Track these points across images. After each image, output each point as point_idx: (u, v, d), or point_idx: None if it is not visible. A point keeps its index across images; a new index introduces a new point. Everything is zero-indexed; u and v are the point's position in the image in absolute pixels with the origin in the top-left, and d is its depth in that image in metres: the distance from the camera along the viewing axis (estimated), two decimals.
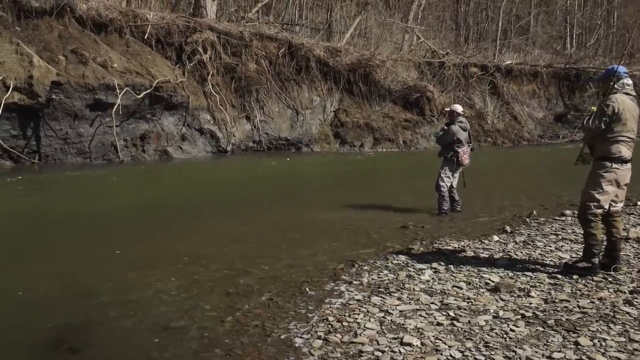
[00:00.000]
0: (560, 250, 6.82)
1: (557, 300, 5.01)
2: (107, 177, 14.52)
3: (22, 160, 15.95)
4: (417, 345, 4.12)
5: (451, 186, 9.51)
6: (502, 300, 5.06)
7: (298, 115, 22.57)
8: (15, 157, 15.89)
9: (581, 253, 6.01)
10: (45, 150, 16.26)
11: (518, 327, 4.44)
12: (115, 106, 16.89)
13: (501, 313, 4.73)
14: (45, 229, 8.53)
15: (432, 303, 4.98)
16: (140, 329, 4.62)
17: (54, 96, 15.88)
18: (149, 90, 17.81)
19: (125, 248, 7.24)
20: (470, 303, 4.99)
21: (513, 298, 5.11)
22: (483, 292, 5.30)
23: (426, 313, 4.74)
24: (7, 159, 15.87)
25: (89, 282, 5.81)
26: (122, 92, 17.00)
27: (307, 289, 5.47)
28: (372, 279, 5.75)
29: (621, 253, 6.09)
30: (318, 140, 22.71)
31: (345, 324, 4.56)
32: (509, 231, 8.01)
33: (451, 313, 4.73)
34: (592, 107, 5.76)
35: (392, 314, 4.74)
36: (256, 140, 21.27)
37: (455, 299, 5.08)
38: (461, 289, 5.38)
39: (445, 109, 10.27)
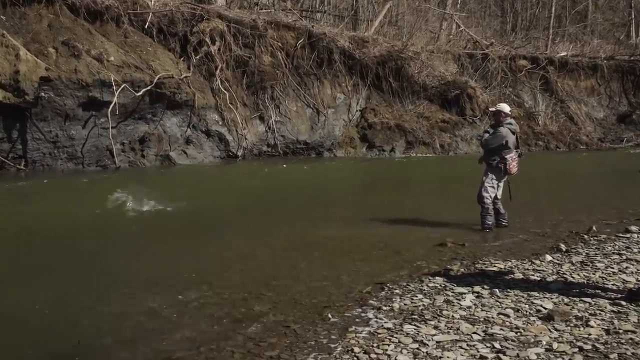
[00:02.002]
0: (625, 273, 6.73)
1: (620, 331, 4.94)
2: (101, 185, 14.67)
3: (7, 166, 16.19)
4: None
5: (495, 197, 9.44)
6: (557, 330, 5.00)
7: (319, 115, 22.62)
8: None
9: None
10: (32, 155, 16.50)
11: None
12: (112, 105, 17.08)
13: (555, 345, 4.67)
14: (30, 245, 8.64)
15: (475, 333, 4.94)
16: (138, 358, 4.65)
17: (42, 94, 16.13)
18: (149, 87, 17.99)
19: (122, 265, 7.31)
20: (519, 333, 4.94)
21: (569, 328, 5.04)
22: (534, 320, 5.25)
23: (467, 345, 4.71)
24: None
25: (80, 304, 5.87)
26: (119, 89, 17.19)
27: (329, 315, 5.46)
28: (405, 304, 5.72)
29: None
30: (342, 144, 22.72)
31: (373, 356, 4.54)
32: (564, 250, 7.92)
33: (497, 345, 4.69)
34: None
35: (427, 345, 4.71)
36: (271, 143, 21.36)
37: (501, 329, 5.03)
38: (508, 316, 5.33)
39: (490, 109, 10.20)
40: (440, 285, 6.32)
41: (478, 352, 4.57)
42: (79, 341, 4.95)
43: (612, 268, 6.95)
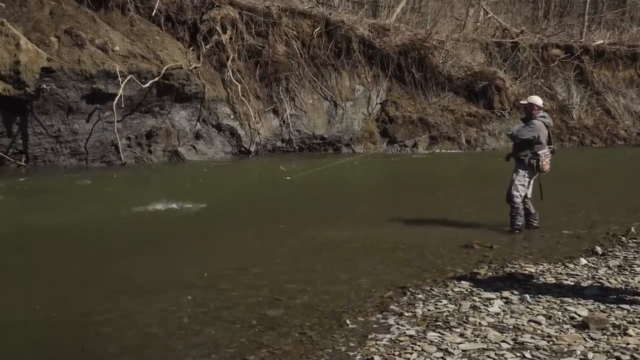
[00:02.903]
0: None
1: None
2: (107, 182, 14.78)
3: (7, 162, 16.34)
4: None
5: (525, 196, 9.39)
6: (592, 339, 4.97)
7: (337, 108, 22.62)
8: None
9: None
10: (33, 150, 16.65)
11: None
12: (117, 97, 17.18)
13: (590, 355, 4.65)
14: (29, 247, 8.71)
15: (503, 341, 4.92)
16: None
17: (44, 85, 16.26)
18: (156, 79, 18.09)
19: (128, 268, 7.36)
20: (551, 342, 4.91)
21: (606, 337, 5.01)
22: (567, 328, 5.22)
23: (495, 354, 4.69)
24: None
25: (84, 308, 5.92)
26: (125, 80, 17.29)
27: (348, 322, 5.46)
28: (428, 310, 5.72)
29: None
30: (361, 139, 22.72)
31: None
32: (600, 253, 7.86)
33: (527, 354, 4.67)
34: None
35: (453, 354, 4.70)
36: (285, 138, 21.40)
37: (532, 337, 5.01)
38: (540, 324, 5.30)
39: (521, 102, 10.14)
40: (467, 290, 6.31)
41: None
42: (82, 348, 4.99)
43: None
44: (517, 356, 4.65)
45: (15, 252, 8.32)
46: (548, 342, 4.92)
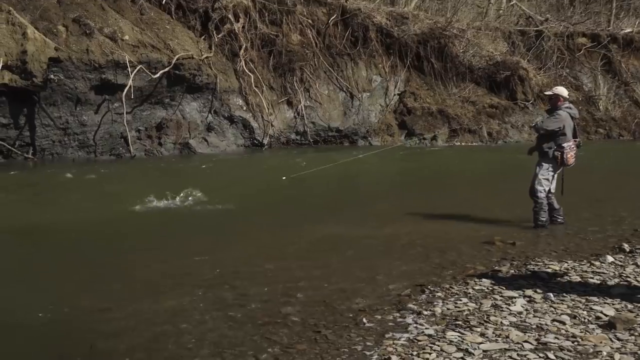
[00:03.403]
0: None
1: None
2: (117, 175, 14.86)
3: (13, 155, 16.48)
4: None
5: (549, 191, 9.34)
6: (619, 339, 4.95)
7: (353, 99, 22.60)
8: (4, 151, 16.44)
9: None
10: (40, 142, 16.78)
11: None
12: (126, 88, 17.27)
13: (617, 357, 4.63)
14: (41, 242, 8.80)
15: (526, 341, 4.91)
16: None
17: (52, 76, 16.37)
18: (167, 69, 18.16)
19: (137, 265, 7.41)
20: (576, 343, 4.90)
21: (633, 337, 4.99)
22: (593, 328, 5.20)
23: (518, 354, 4.68)
24: None
25: (94, 305, 5.97)
26: (135, 70, 17.37)
27: (364, 320, 5.47)
28: (448, 309, 5.72)
29: None
30: (378, 132, 22.69)
31: None
32: (628, 250, 7.82)
33: (551, 355, 4.65)
34: None
35: (473, 354, 4.70)
36: (300, 131, 21.41)
37: (556, 337, 4.99)
38: (564, 324, 5.29)
39: (545, 93, 10.08)
40: (488, 288, 6.29)
41: None
42: (91, 345, 5.04)
43: None
44: (540, 357, 4.64)
45: (24, 249, 8.40)
46: (573, 342, 4.91)
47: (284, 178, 13.11)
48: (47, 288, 6.54)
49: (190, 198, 11.36)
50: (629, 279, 6.58)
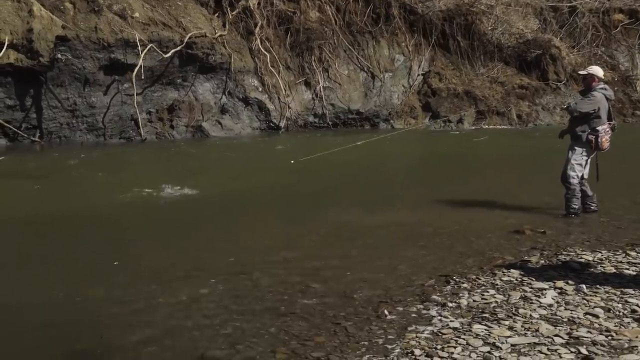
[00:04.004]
0: None
1: None
2: (126, 160, 14.94)
3: (19, 138, 16.61)
4: None
5: (582, 177, 9.27)
6: None
7: (374, 80, 22.54)
8: (10, 134, 16.58)
9: None
10: (48, 125, 16.90)
11: None
12: (137, 68, 17.33)
13: None
14: (48, 231, 8.87)
15: (557, 335, 4.89)
16: (167, 358, 4.75)
17: (59, 55, 16.45)
18: (179, 48, 18.18)
19: (150, 255, 7.46)
20: (610, 337, 4.87)
21: None
22: (628, 322, 5.16)
23: (548, 349, 4.66)
24: (1, 135, 16.58)
25: (103, 296, 6.03)
26: (145, 49, 17.42)
27: (386, 312, 5.47)
28: (474, 301, 5.70)
29: None
30: (401, 114, 22.63)
31: (436, 359, 4.55)
32: None
33: (583, 350, 4.63)
34: None
35: (500, 348, 4.69)
36: (318, 113, 21.40)
37: (588, 331, 4.96)
38: (597, 317, 5.25)
39: (579, 72, 9.98)
40: (517, 280, 6.27)
41: (561, 357, 4.52)
42: (101, 336, 5.08)
43: None
44: (571, 352, 4.61)
45: (30, 237, 8.47)
46: (607, 337, 4.87)
47: (292, 162, 13.12)
48: (54, 277, 6.61)
49: (202, 185, 11.40)
50: None
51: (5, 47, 15.73)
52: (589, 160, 9.27)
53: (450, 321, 5.24)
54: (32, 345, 5.04)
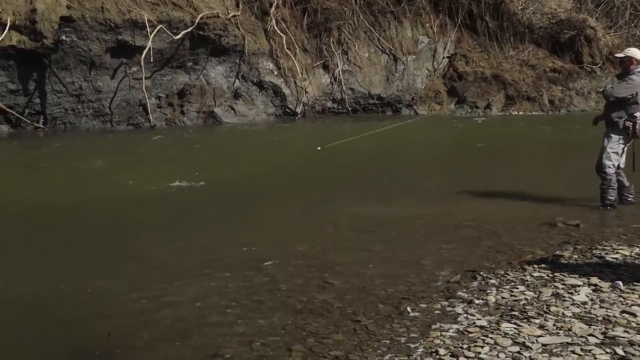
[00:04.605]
0: None
1: None
2: (133, 148, 15.00)
3: (22, 124, 16.72)
4: None
5: (618, 167, 9.20)
6: None
7: (397, 63, 22.47)
8: (13, 120, 16.69)
9: None
10: (52, 110, 16.99)
11: None
12: (145, 51, 17.37)
13: None
14: (51, 224, 8.92)
15: (591, 335, 4.86)
16: (179, 356, 4.77)
17: (63, 37, 16.52)
18: (190, 29, 18.21)
19: (160, 247, 7.50)
20: None
21: None
22: None
23: (582, 349, 4.64)
24: (2, 121, 16.68)
25: (111, 291, 6.07)
26: (154, 31, 17.45)
27: (409, 309, 5.47)
28: (502, 298, 5.69)
29: None
30: (425, 99, 22.57)
31: (462, 359, 4.55)
32: None
33: (619, 351, 4.60)
34: None
35: (531, 348, 4.67)
36: (337, 98, 21.37)
37: (625, 331, 4.93)
38: (635, 316, 5.22)
39: (616, 55, 9.89)
40: (548, 275, 6.24)
41: (595, 358, 4.50)
42: (109, 333, 5.11)
43: None
44: (607, 352, 4.59)
45: (34, 229, 8.52)
46: None
47: (319, 148, 13.11)
48: (59, 271, 6.66)
49: (213, 174, 11.42)
50: None
51: (7, 29, 15.82)
52: (625, 148, 9.20)
53: (477, 319, 5.23)
54: (36, 343, 5.07)
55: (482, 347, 4.72)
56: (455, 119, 21.39)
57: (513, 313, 5.32)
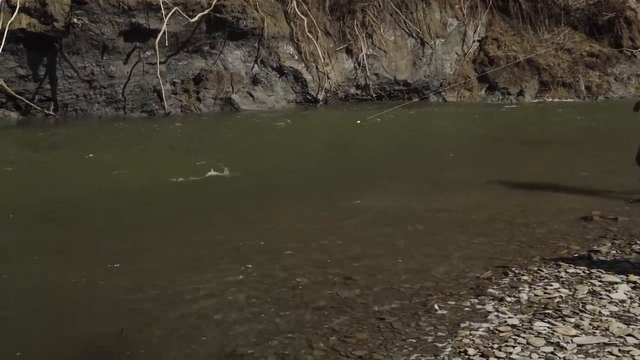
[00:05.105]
0: None
1: None
2: (148, 135, 15.06)
3: (32, 111, 16.83)
4: None
5: None
6: None
7: (424, 47, 22.39)
8: (23, 107, 16.80)
9: None
10: (63, 97, 17.09)
11: None
12: (160, 34, 17.42)
13: None
14: (61, 217, 8.99)
15: (630, 335, 4.84)
16: (194, 354, 4.79)
17: (75, 20, 16.58)
18: (206, 11, 18.23)
19: (175, 240, 7.54)
20: None
21: None
22: None
23: (620, 350, 4.62)
24: (12, 108, 16.80)
25: (125, 285, 6.11)
26: (170, 13, 17.48)
27: (436, 306, 5.47)
28: (535, 295, 5.67)
29: None
30: (454, 85, 22.45)
31: None
32: None
33: None
34: None
35: (565, 349, 4.66)
36: (361, 84, 21.33)
37: None
38: None
39: None
40: (584, 272, 6.21)
41: None
42: (122, 330, 5.14)
43: None
44: None
45: (47, 225, 8.58)
46: None
47: (358, 122, 13.06)
48: (71, 264, 6.70)
49: (230, 163, 11.44)
50: None
51: (16, 11, 15.90)
52: None
53: (509, 317, 5.22)
54: (46, 340, 5.11)
55: (513, 347, 4.71)
56: (485, 106, 21.29)
57: (547, 311, 5.31)
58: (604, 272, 6.19)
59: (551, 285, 5.90)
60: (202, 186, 10.43)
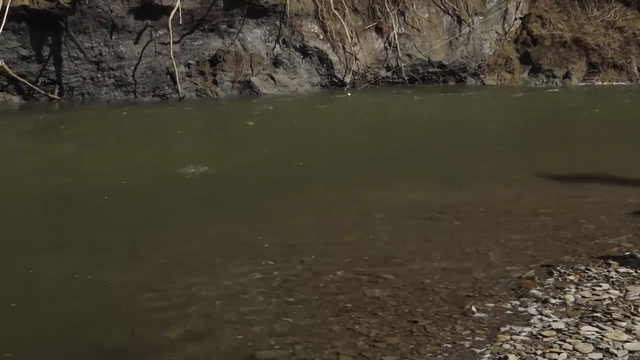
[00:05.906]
0: None
1: None
2: (161, 122, 15.13)
3: (36, 94, 16.92)
4: None
5: None
6: None
7: (461, 25, 22.28)
8: (25, 91, 16.91)
9: None
10: (69, 80, 17.17)
11: None
12: (173, 11, 17.44)
13: None
14: (67, 209, 9.06)
15: None
16: (209, 357, 4.81)
17: None
18: None
19: (189, 235, 7.57)
20: None
21: None
22: None
23: None
24: (13, 92, 16.90)
25: (136, 281, 6.16)
26: None
27: (473, 308, 5.46)
28: (583, 297, 5.64)
29: None
30: (494, 67, 22.36)
31: None
32: None
33: None
34: None
35: (616, 355, 4.64)
36: (391, 66, 21.26)
37: None
38: None
39: None
40: (636, 272, 6.17)
41: None
42: (133, 331, 5.18)
43: None
44: None
45: (53, 216, 8.66)
46: None
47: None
48: (78, 261, 6.76)
49: (247, 152, 11.47)
50: None
51: None
52: None
53: (553, 321, 5.20)
54: (55, 342, 5.16)
55: (558, 353, 4.69)
56: (528, 90, 21.17)
57: (595, 315, 5.28)
58: None
59: (600, 286, 5.87)
60: (218, 177, 10.47)
